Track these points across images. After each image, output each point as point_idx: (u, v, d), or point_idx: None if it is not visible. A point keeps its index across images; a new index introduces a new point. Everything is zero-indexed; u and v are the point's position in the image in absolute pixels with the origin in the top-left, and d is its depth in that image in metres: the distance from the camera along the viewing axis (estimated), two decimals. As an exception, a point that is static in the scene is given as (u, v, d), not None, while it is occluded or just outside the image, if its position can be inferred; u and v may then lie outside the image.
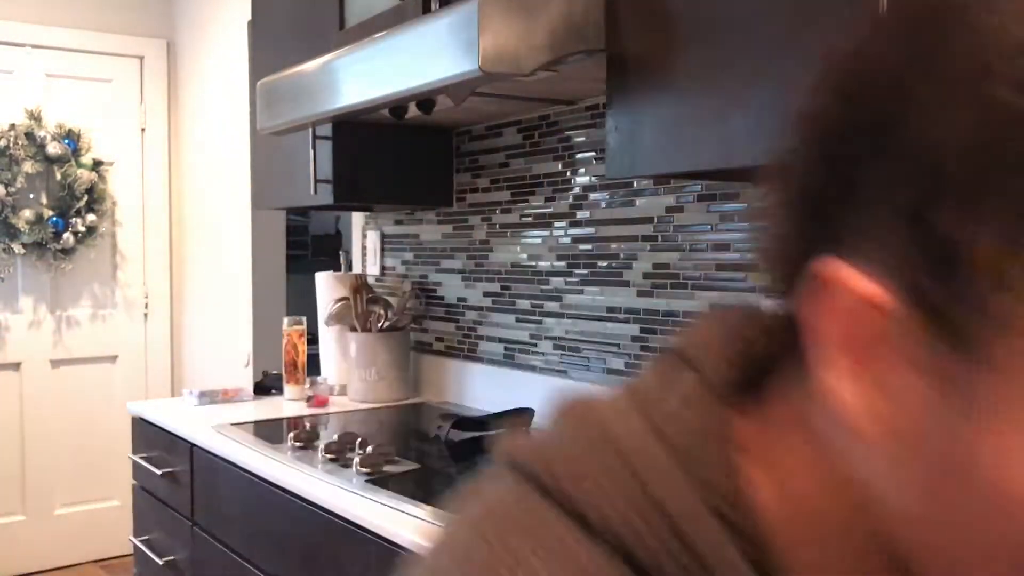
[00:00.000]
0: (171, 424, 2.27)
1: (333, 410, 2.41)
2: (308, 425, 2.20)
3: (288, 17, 2.43)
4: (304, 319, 2.62)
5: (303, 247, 5.06)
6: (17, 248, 3.75)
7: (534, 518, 0.37)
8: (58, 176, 3.83)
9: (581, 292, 2.11)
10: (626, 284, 1.99)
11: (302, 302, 3.95)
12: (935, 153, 0.32)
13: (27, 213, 3.76)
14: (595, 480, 0.37)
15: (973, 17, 0.32)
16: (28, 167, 3.76)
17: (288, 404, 2.49)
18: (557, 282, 2.17)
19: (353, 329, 2.54)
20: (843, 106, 0.35)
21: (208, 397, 2.52)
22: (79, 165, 3.86)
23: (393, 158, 2.39)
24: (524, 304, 2.28)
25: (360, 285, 2.56)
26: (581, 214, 2.10)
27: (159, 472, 2.34)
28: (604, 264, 2.05)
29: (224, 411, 2.39)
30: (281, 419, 2.30)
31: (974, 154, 0.31)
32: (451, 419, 2.04)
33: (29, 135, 3.78)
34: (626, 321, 1.99)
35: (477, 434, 2.06)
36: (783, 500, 0.37)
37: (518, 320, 2.30)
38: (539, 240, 2.23)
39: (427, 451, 1.92)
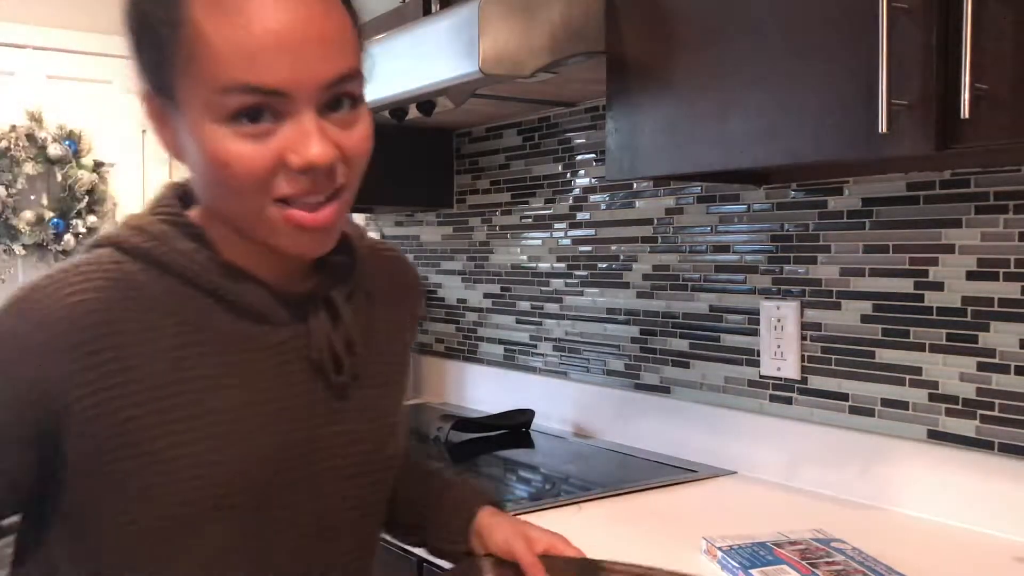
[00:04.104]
0: (171, 425, 2.27)
1: (333, 411, 2.41)
2: (308, 426, 2.19)
3: (289, 19, 2.43)
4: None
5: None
6: (18, 249, 3.75)
7: (94, 254, 0.83)
8: (59, 177, 3.83)
9: (581, 294, 2.11)
10: (626, 286, 2.00)
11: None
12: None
13: (28, 214, 3.77)
14: (139, 236, 0.83)
15: None
16: (29, 168, 3.76)
17: (288, 405, 2.49)
18: (557, 284, 2.18)
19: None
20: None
21: (208, 398, 2.51)
22: (80, 166, 3.87)
23: (393, 160, 2.39)
24: (524, 306, 2.28)
25: (360, 286, 2.56)
26: (581, 216, 2.11)
27: (159, 473, 2.34)
28: (604, 266, 2.05)
29: (224, 412, 2.39)
30: (281, 420, 2.30)
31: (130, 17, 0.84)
32: (451, 420, 2.04)
33: (30, 136, 3.79)
34: (626, 323, 1.99)
35: (477, 435, 2.06)
36: (199, 213, 0.86)
37: (518, 321, 2.30)
38: (539, 242, 2.23)
39: (427, 452, 1.92)
